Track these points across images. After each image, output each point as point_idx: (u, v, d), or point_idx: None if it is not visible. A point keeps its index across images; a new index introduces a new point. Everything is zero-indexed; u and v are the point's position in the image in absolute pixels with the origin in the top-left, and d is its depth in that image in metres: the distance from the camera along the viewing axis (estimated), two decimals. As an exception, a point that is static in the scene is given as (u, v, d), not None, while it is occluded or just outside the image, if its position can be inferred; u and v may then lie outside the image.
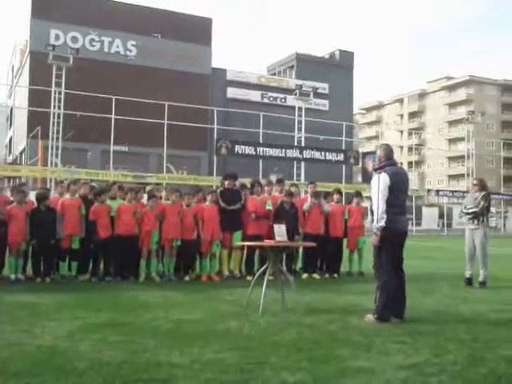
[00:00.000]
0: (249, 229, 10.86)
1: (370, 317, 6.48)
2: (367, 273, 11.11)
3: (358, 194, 12.24)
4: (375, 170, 6.68)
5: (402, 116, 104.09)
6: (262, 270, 7.56)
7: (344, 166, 38.35)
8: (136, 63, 51.84)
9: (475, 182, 10.57)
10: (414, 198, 44.66)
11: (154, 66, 51.58)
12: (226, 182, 11.27)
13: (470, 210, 10.05)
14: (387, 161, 6.64)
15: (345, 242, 11.91)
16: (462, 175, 64.36)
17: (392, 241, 6.50)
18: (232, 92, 59.72)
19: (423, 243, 26.49)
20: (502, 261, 15.39)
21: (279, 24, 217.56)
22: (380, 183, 6.43)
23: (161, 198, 11.20)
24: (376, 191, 6.47)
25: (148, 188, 11.63)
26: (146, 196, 11.00)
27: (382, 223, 6.37)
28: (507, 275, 11.84)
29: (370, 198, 7.48)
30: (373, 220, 6.56)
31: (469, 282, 10.12)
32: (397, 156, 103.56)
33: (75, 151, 40.72)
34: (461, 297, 8.72)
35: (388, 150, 6.71)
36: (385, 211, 6.37)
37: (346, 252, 11.90)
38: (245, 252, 10.97)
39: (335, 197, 11.85)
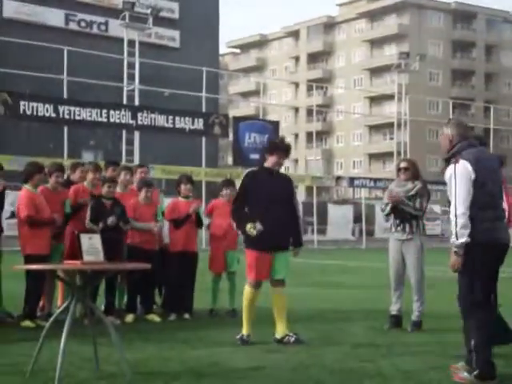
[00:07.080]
0: (28, 245, 10.51)
1: (465, 376, 6.71)
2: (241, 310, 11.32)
3: (229, 184, 12.34)
4: (446, 159, 7.15)
5: (297, 59, 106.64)
6: (60, 309, 7.47)
7: (204, 139, 38.70)
8: None
9: (404, 164, 10.94)
10: (314, 191, 45.94)
11: None
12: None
13: (407, 209, 10.41)
14: (463, 142, 7.06)
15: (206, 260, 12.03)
16: (391, 154, 66.85)
17: (487, 259, 6.85)
18: (11, 8, 58.18)
19: (329, 261, 27.31)
20: (446, 287, 16.07)
21: None
22: (457, 177, 6.83)
23: None
24: (453, 189, 6.85)
25: None
26: None
27: (464, 238, 6.73)
28: (453, 310, 12.41)
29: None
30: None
31: (396, 321, 10.54)
32: (291, 122, 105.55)
33: None
34: (383, 346, 9.06)
35: (462, 128, 7.25)
36: (468, 218, 6.74)
37: (208, 277, 12.02)
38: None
39: (183, 188, 11.84)
